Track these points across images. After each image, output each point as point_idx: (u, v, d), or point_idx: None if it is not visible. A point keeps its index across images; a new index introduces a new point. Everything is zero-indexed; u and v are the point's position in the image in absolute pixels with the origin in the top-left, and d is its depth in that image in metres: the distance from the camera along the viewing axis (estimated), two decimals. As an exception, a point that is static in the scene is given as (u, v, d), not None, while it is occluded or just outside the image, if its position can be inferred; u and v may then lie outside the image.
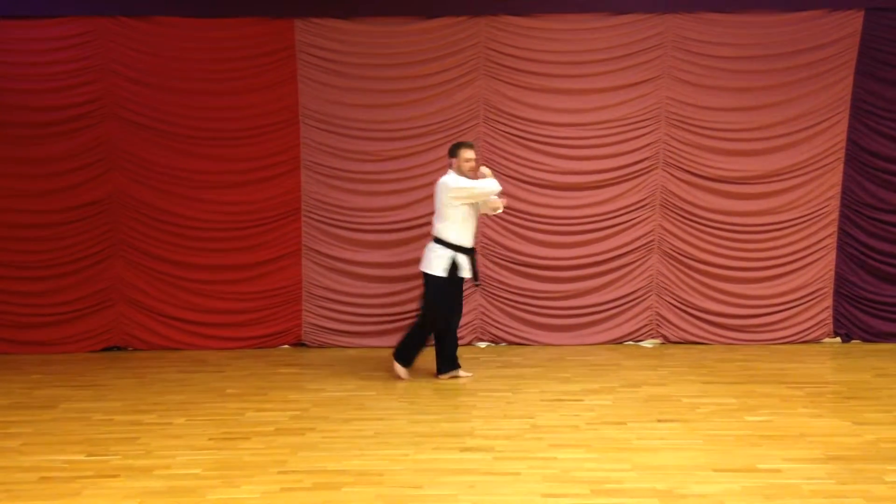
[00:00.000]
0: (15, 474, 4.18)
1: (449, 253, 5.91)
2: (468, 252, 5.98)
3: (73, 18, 6.98)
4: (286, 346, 7.41)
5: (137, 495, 3.86)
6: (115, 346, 7.34)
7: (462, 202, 5.89)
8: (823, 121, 7.21)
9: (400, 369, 6.15)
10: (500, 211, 6.22)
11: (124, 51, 7.04)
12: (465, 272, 5.96)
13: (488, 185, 5.97)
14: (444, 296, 5.96)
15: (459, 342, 7.26)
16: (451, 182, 5.91)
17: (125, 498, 3.83)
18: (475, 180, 6.00)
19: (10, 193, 7.11)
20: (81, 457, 4.44)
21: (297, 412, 5.29)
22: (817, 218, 7.33)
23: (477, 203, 6.04)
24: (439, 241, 5.96)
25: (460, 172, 5.99)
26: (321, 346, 7.38)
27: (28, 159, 7.09)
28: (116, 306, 7.29)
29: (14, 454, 4.50)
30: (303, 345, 7.42)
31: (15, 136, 7.07)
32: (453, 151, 6.05)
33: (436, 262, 5.93)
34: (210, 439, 4.73)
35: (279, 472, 4.16)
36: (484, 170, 6.14)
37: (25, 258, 7.17)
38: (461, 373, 6.23)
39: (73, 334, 7.27)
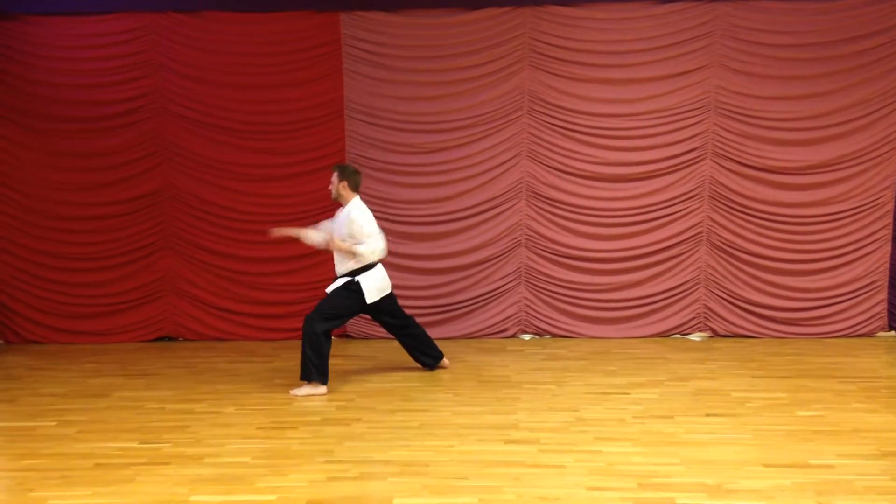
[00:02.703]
0: (71, 461, 4.29)
1: None
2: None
3: (125, 14, 7.12)
4: (332, 336, 7.46)
5: (188, 482, 3.94)
6: (166, 337, 7.49)
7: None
8: (878, 109, 7.03)
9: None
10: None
11: (175, 46, 7.16)
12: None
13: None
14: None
15: (504, 334, 7.31)
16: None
17: (176, 485, 3.91)
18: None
19: (64, 187, 7.29)
20: (134, 444, 4.54)
21: (343, 403, 5.34)
22: (872, 209, 7.16)
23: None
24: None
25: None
26: (365, 337, 7.43)
27: (81, 153, 7.27)
28: (167, 297, 7.43)
29: (70, 441, 4.61)
30: (348, 336, 7.47)
31: (69, 131, 7.24)
32: (356, 177, 5.90)
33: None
34: (259, 428, 4.80)
35: (326, 462, 4.20)
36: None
37: (79, 250, 7.35)
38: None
39: (125, 324, 7.44)
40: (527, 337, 7.40)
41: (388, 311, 5.96)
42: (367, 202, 7.21)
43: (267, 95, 7.19)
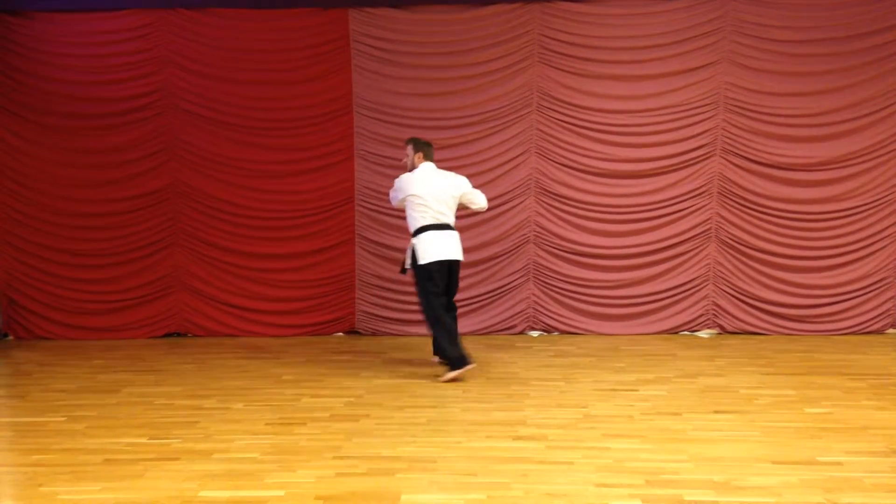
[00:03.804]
0: (81, 456, 4.31)
1: None
2: None
3: (135, 11, 7.15)
4: (340, 333, 7.49)
5: (197, 478, 3.95)
6: (175, 333, 7.52)
7: None
8: (888, 106, 7.00)
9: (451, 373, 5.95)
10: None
11: (184, 42, 7.18)
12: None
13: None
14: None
15: (512, 330, 7.30)
16: None
17: (185, 480, 3.92)
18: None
19: (73, 183, 7.33)
20: (144, 440, 4.56)
21: (352, 399, 5.35)
22: (882, 205, 7.13)
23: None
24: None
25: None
26: (374, 333, 7.45)
27: (91, 149, 7.30)
28: (176, 294, 7.46)
29: (80, 436, 4.64)
30: (356, 332, 7.49)
31: (78, 127, 7.28)
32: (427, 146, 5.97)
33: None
34: (267, 424, 4.81)
35: (334, 458, 4.21)
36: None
37: (89, 246, 7.39)
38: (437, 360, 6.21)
39: (134, 321, 7.47)
40: (535, 333, 7.40)
41: (444, 283, 5.89)
42: (375, 197, 7.30)
43: (276, 92, 7.21)
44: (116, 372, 6.21)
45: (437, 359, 6.21)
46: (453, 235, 5.85)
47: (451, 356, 5.73)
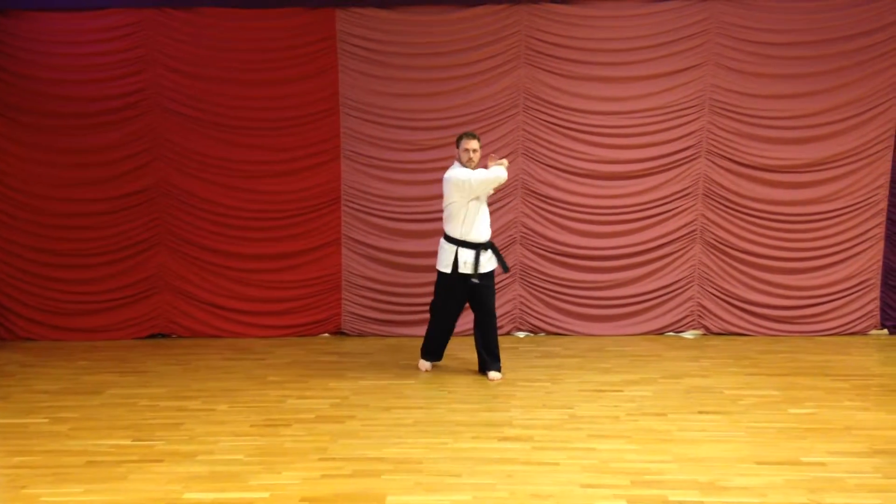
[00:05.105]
0: (63, 458, 4.28)
1: (452, 248, 5.77)
2: (474, 247, 5.74)
3: (120, 10, 7.09)
4: (326, 334, 7.47)
5: (181, 480, 3.93)
6: (159, 334, 7.47)
7: (464, 196, 5.62)
8: (872, 108, 7.05)
9: (421, 363, 6.20)
10: (503, 180, 5.74)
11: (169, 41, 7.14)
12: (467, 268, 5.73)
13: (490, 175, 5.65)
14: (445, 291, 5.88)
15: (499, 331, 7.27)
16: (452, 175, 5.66)
17: (169, 482, 3.91)
18: (475, 170, 5.69)
19: (57, 183, 7.26)
20: (127, 441, 4.53)
21: (338, 400, 5.34)
22: (865, 207, 7.18)
23: (479, 196, 5.71)
24: (446, 236, 5.84)
25: (461, 163, 5.73)
26: (360, 334, 7.43)
27: (75, 149, 7.24)
28: (161, 294, 7.41)
29: (63, 438, 4.61)
30: (342, 333, 7.47)
31: (63, 126, 7.21)
32: (457, 142, 5.78)
33: (441, 258, 5.85)
34: (252, 426, 4.79)
35: (320, 459, 4.20)
36: (499, 162, 5.81)
37: (72, 246, 7.32)
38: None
39: (118, 321, 7.42)
40: (521, 334, 7.41)
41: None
42: (361, 198, 7.29)
43: (262, 92, 7.17)
44: (100, 373, 6.17)
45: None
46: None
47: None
